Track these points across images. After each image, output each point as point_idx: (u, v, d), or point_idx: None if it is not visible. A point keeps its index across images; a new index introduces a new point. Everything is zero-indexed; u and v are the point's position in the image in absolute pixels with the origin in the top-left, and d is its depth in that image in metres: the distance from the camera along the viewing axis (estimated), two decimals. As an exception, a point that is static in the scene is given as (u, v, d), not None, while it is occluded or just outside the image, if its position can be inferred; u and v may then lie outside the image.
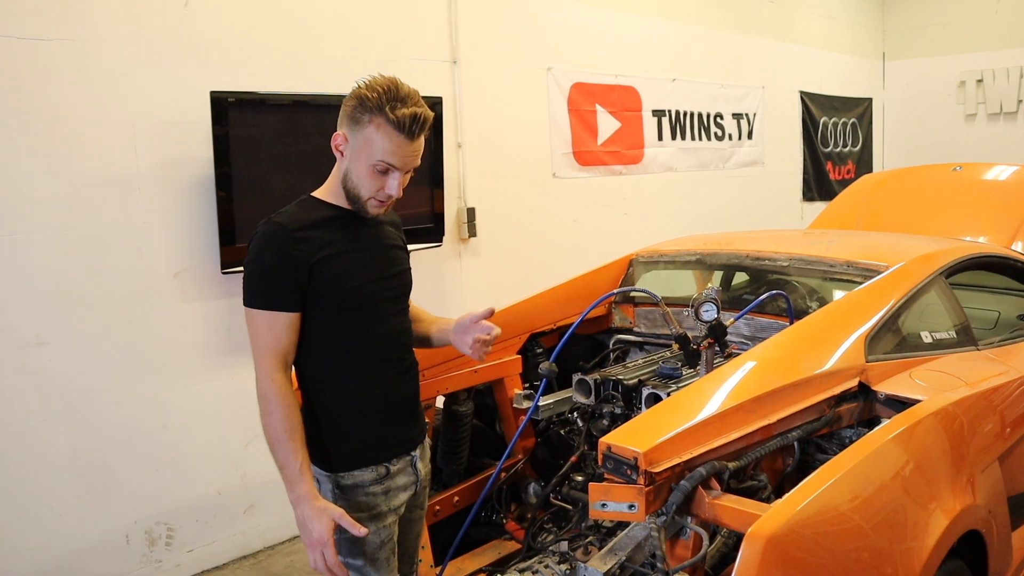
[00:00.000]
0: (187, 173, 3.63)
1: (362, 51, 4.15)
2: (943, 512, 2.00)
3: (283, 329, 1.92)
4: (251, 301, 1.92)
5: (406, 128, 1.87)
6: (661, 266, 3.44)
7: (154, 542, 3.66)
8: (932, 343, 2.64)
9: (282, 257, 1.89)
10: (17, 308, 3.23)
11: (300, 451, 1.90)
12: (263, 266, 1.90)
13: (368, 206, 1.97)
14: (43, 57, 3.23)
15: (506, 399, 3.02)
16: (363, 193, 1.95)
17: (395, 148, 1.89)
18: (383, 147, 1.89)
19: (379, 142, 1.89)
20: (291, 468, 1.89)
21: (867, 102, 9.01)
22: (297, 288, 1.92)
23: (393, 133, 1.88)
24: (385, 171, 1.92)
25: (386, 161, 1.90)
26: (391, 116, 1.86)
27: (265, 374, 1.90)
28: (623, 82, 5.89)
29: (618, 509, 1.76)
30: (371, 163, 1.91)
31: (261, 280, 1.91)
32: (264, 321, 1.91)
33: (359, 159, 1.92)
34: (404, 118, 1.86)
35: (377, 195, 1.95)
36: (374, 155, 1.90)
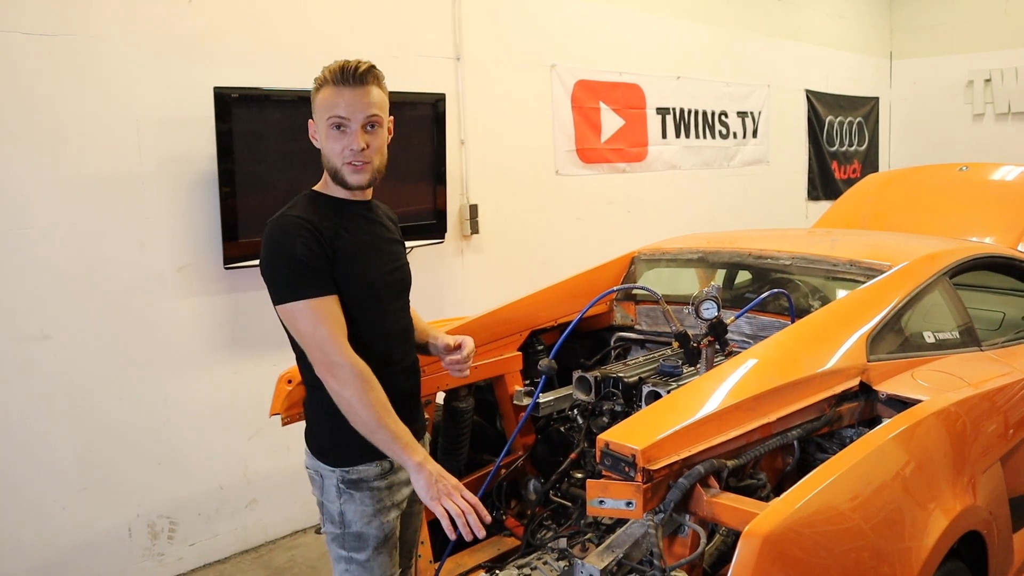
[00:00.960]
0: (190, 169, 3.63)
1: (366, 47, 4.14)
2: (943, 512, 1.99)
3: (337, 310, 1.91)
4: (293, 295, 1.89)
5: (340, 77, 1.91)
6: (663, 264, 3.43)
7: (156, 535, 3.67)
8: (935, 343, 2.63)
9: (312, 245, 1.90)
10: (21, 303, 3.24)
11: (401, 423, 1.91)
12: (295, 258, 1.88)
13: (346, 175, 1.97)
14: (47, 53, 3.24)
15: (506, 396, 3.02)
16: (335, 162, 1.96)
17: (338, 100, 1.92)
18: (329, 104, 1.93)
19: (325, 103, 1.94)
20: (406, 436, 1.89)
21: (874, 101, 8.97)
22: (330, 274, 1.92)
23: (332, 89, 1.92)
24: (339, 126, 1.93)
25: (335, 115, 1.92)
26: (328, 77, 1.93)
27: (343, 357, 1.87)
28: (627, 79, 5.88)
29: (616, 506, 1.75)
30: (326, 128, 1.94)
31: (298, 271, 1.89)
32: (316, 309, 1.88)
33: (321, 131, 1.97)
34: (336, 71, 1.92)
35: (344, 156, 1.94)
36: (323, 116, 1.94)
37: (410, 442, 1.89)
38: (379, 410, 1.87)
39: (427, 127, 4.30)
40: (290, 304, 1.88)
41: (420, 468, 1.86)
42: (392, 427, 1.87)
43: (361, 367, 1.88)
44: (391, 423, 1.88)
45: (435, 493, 1.84)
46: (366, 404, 1.86)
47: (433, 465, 1.88)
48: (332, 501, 2.04)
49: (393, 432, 1.87)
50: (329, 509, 2.05)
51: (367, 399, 1.86)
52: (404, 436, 1.88)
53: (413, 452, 1.88)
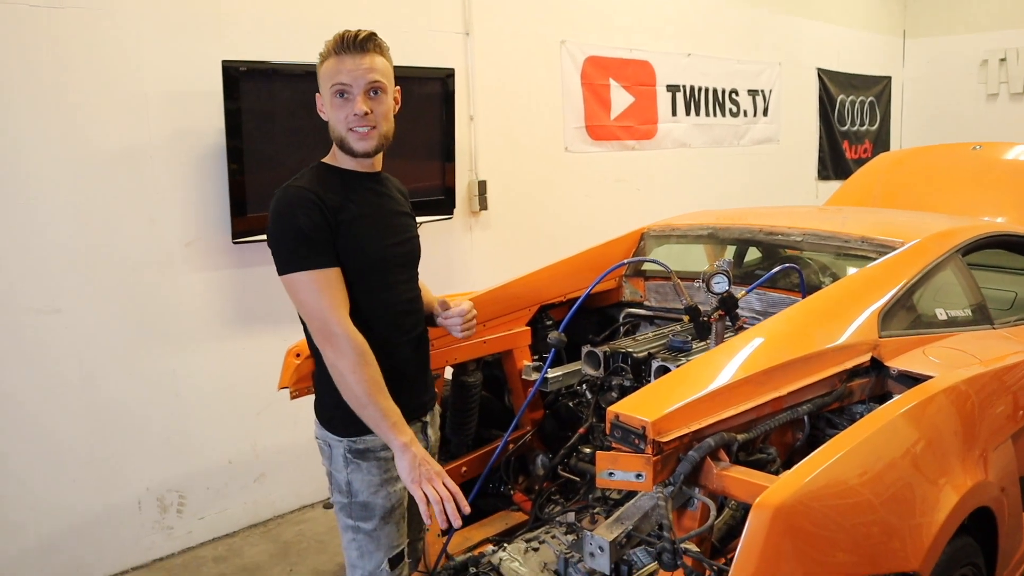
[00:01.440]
0: (199, 143, 3.62)
1: (374, 21, 4.09)
2: (953, 488, 1.98)
3: (337, 283, 1.91)
4: (294, 265, 1.89)
5: (341, 46, 1.93)
6: (673, 240, 3.41)
7: (166, 509, 3.70)
8: (947, 320, 2.62)
9: (315, 216, 1.90)
10: (32, 276, 3.25)
11: (391, 400, 1.91)
12: (298, 228, 1.89)
13: (351, 142, 1.97)
14: (56, 25, 3.22)
15: (515, 370, 3.02)
16: (340, 129, 1.97)
17: (340, 68, 1.93)
18: (332, 73, 1.94)
19: (327, 72, 1.95)
20: (394, 416, 1.89)
21: (886, 80, 8.88)
22: (333, 245, 1.92)
23: (335, 59, 1.94)
24: (342, 93, 1.94)
25: (337, 83, 1.93)
26: (331, 47, 1.95)
27: (341, 328, 1.87)
28: (637, 56, 5.83)
29: (625, 478, 1.75)
30: (330, 97, 1.95)
31: (301, 242, 1.89)
32: (317, 280, 1.89)
33: (326, 100, 1.98)
34: (338, 40, 1.94)
35: (348, 122, 1.95)
36: (326, 85, 1.96)
37: (398, 422, 1.88)
38: (370, 386, 1.87)
39: (436, 103, 4.27)
40: (292, 275, 1.89)
41: (405, 449, 1.86)
42: (382, 404, 1.87)
43: (358, 341, 1.88)
44: (381, 400, 1.88)
45: (416, 476, 1.85)
46: (359, 379, 1.86)
47: (419, 448, 1.88)
48: (339, 471, 2.04)
49: (383, 409, 1.87)
50: (337, 479, 2.06)
51: (360, 374, 1.86)
52: (392, 416, 1.88)
53: (400, 433, 1.88)
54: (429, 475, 1.85)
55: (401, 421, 1.89)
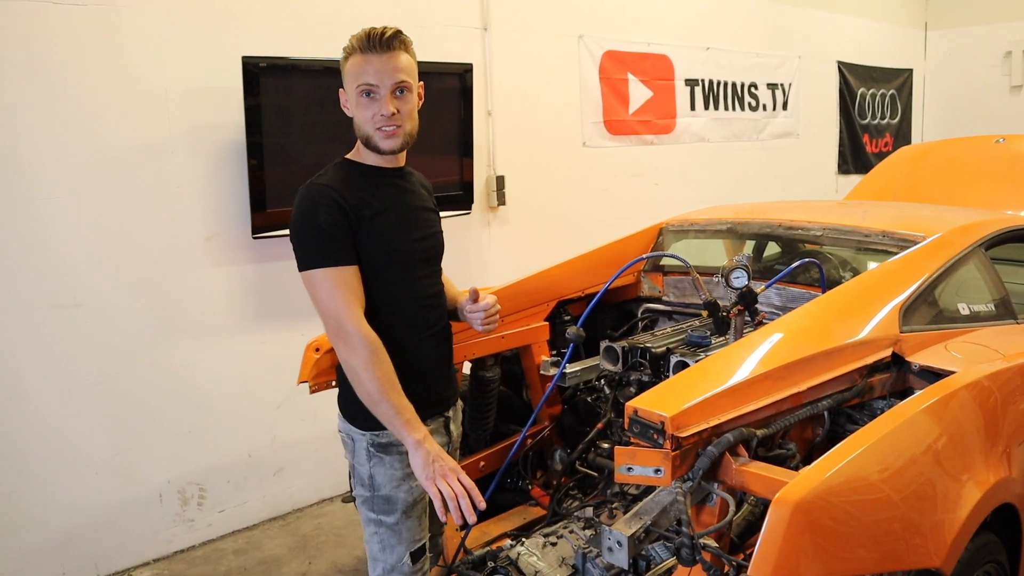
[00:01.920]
0: (219, 138, 3.65)
1: (393, 16, 4.05)
2: (976, 484, 1.96)
3: (354, 281, 1.93)
4: (313, 262, 1.91)
5: (367, 44, 1.93)
6: (692, 235, 3.40)
7: (187, 501, 3.74)
8: (969, 315, 2.59)
9: (335, 213, 1.91)
10: (54, 270, 3.29)
11: (404, 398, 1.91)
12: (318, 226, 1.90)
13: (378, 141, 1.98)
14: (79, 22, 3.25)
15: (533, 366, 3.02)
16: (367, 129, 1.97)
17: (366, 67, 1.93)
18: (358, 72, 1.94)
19: (353, 72, 1.95)
20: (407, 413, 1.89)
21: (907, 73, 8.78)
22: (352, 243, 1.93)
23: (360, 57, 1.94)
24: (368, 93, 1.95)
25: (364, 82, 1.94)
26: (356, 44, 1.95)
27: (355, 327, 1.89)
28: (656, 50, 5.80)
29: (644, 473, 1.75)
30: (356, 95, 1.96)
31: (320, 239, 1.91)
32: (333, 278, 1.90)
33: (351, 99, 1.98)
34: (363, 38, 1.94)
35: (375, 122, 1.95)
36: (353, 85, 1.96)
37: (412, 419, 1.89)
38: (383, 383, 1.87)
39: (454, 98, 4.28)
40: (310, 271, 1.91)
41: (418, 446, 1.87)
42: (395, 401, 1.88)
43: (371, 338, 1.89)
44: (394, 397, 1.88)
45: (430, 473, 1.85)
46: (371, 376, 1.87)
47: (432, 444, 1.89)
48: (362, 464, 2.06)
49: (396, 407, 1.88)
50: (359, 472, 2.07)
51: (372, 371, 1.87)
52: (406, 412, 1.89)
53: (413, 429, 1.88)
54: (443, 471, 1.85)
55: (415, 418, 1.90)
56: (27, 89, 3.17)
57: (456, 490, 1.83)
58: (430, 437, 1.91)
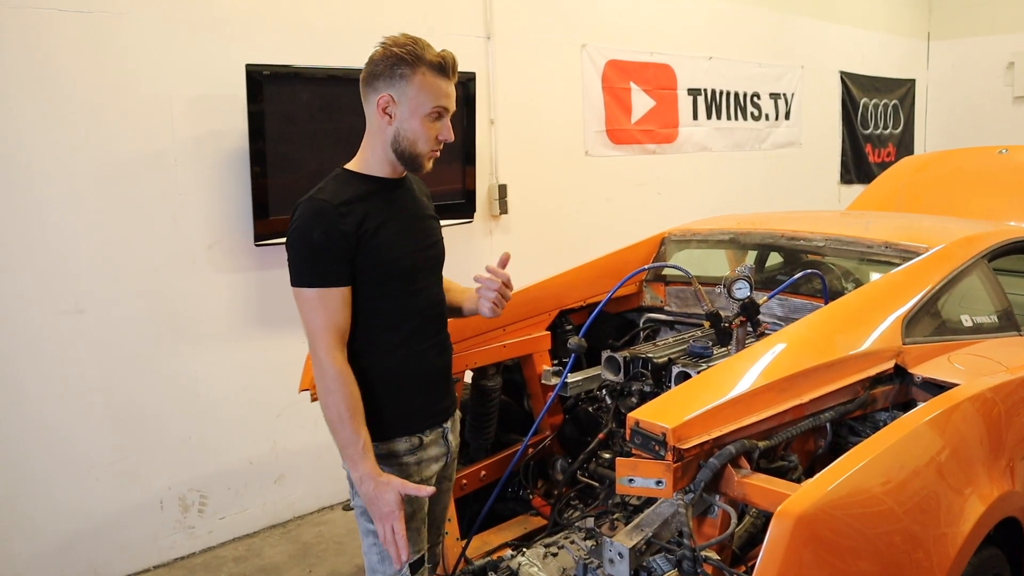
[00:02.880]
0: (222, 146, 3.65)
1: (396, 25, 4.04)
2: (979, 498, 1.96)
3: (338, 304, 1.92)
4: (301, 280, 1.92)
5: (448, 69, 1.94)
6: (694, 245, 3.40)
7: (187, 508, 3.73)
8: (972, 327, 2.58)
9: (330, 232, 1.90)
10: (58, 277, 3.29)
11: (362, 429, 1.91)
12: (311, 243, 1.90)
13: (425, 161, 2.00)
14: (82, 30, 3.26)
15: (534, 375, 3.02)
16: (421, 147, 1.97)
17: (445, 90, 1.95)
18: (435, 92, 1.93)
19: (430, 89, 1.93)
20: (354, 447, 1.89)
21: (910, 83, 8.79)
22: (346, 262, 1.92)
23: (436, 78, 1.93)
24: (439, 117, 1.96)
25: (441, 105, 1.95)
26: (434, 62, 1.92)
27: (324, 352, 1.90)
28: (658, 60, 5.81)
29: (645, 485, 1.74)
30: (426, 112, 1.94)
31: (310, 258, 1.91)
32: (317, 299, 1.90)
33: (413, 114, 1.94)
34: (446, 60, 1.94)
35: (434, 145, 1.98)
36: (428, 103, 1.93)
37: (358, 454, 1.89)
38: (340, 412, 1.88)
39: (457, 106, 4.27)
40: (298, 288, 1.93)
41: (359, 482, 1.89)
42: (347, 434, 1.89)
43: (336, 368, 1.89)
44: (347, 429, 1.88)
45: (373, 512, 1.90)
46: (329, 403, 1.89)
47: (373, 483, 1.88)
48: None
49: (343, 440, 1.90)
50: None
51: (331, 399, 1.89)
52: (354, 446, 1.89)
53: (356, 464, 1.89)
54: (379, 515, 1.87)
55: (362, 452, 1.89)
56: (31, 96, 3.18)
57: (387, 537, 1.87)
58: (369, 475, 1.89)
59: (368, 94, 1.98)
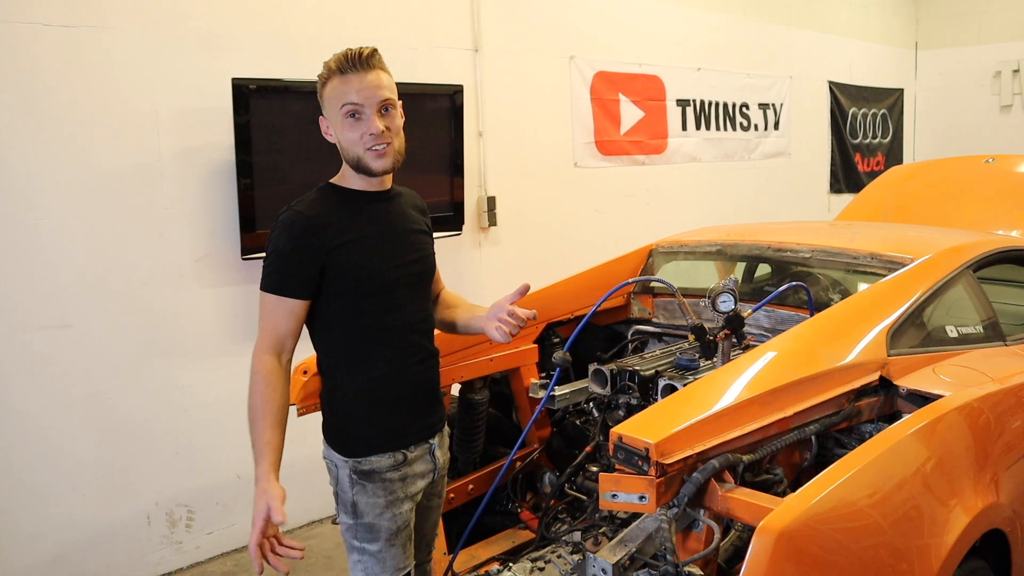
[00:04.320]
0: (209, 159, 3.65)
1: (383, 38, 4.14)
2: (964, 510, 1.96)
3: (285, 314, 1.95)
4: (263, 284, 1.97)
5: (347, 65, 1.92)
6: (681, 256, 3.40)
7: (175, 524, 3.70)
8: (958, 338, 2.59)
9: (297, 245, 1.92)
10: (42, 291, 3.27)
11: (267, 431, 1.91)
12: (279, 252, 1.94)
13: (369, 161, 1.96)
14: (68, 44, 3.26)
15: (522, 388, 3.01)
16: (356, 150, 1.96)
17: (348, 88, 1.92)
18: (340, 94, 1.93)
19: (335, 94, 1.94)
20: (256, 447, 1.92)
21: (898, 93, 8.85)
22: (309, 276, 1.93)
23: (340, 78, 1.93)
24: (354, 114, 1.93)
25: (349, 102, 1.92)
26: (336, 65, 1.94)
27: (256, 354, 1.95)
28: (647, 71, 5.83)
29: (629, 500, 1.73)
30: (341, 116, 1.94)
31: (275, 265, 1.95)
32: (269, 304, 1.96)
33: (335, 123, 1.96)
34: (341, 59, 1.93)
35: (365, 142, 1.94)
36: (336, 108, 1.94)
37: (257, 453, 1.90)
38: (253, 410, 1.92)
39: (445, 119, 4.29)
40: (260, 292, 1.98)
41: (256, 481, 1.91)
42: (252, 433, 1.91)
43: (260, 368, 1.93)
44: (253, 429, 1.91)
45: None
46: (248, 400, 1.93)
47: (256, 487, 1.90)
48: (345, 491, 2.04)
49: (252, 438, 1.92)
50: (343, 499, 2.06)
51: (249, 398, 1.93)
52: (255, 446, 1.90)
53: (255, 464, 1.91)
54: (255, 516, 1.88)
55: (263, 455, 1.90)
56: (17, 111, 3.17)
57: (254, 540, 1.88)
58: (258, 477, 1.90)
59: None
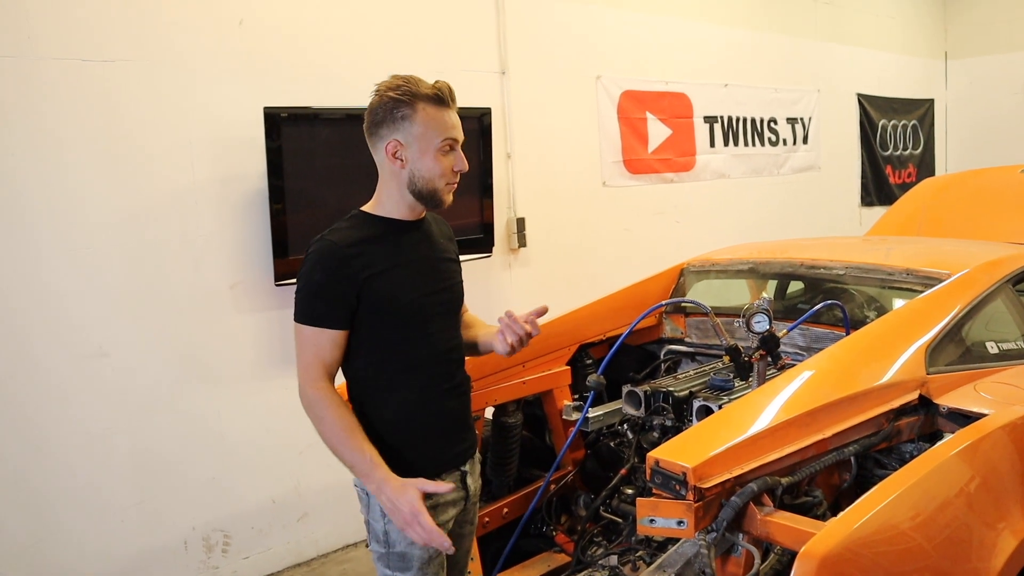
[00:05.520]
0: (242, 187, 3.71)
1: (412, 63, 4.15)
2: (1012, 533, 1.91)
3: (328, 345, 1.95)
4: (300, 317, 1.96)
5: (446, 99, 1.94)
6: (713, 275, 3.38)
7: (211, 548, 3.73)
8: (998, 354, 2.54)
9: (332, 275, 1.92)
10: (81, 320, 3.34)
11: (365, 443, 1.92)
12: (313, 283, 1.94)
13: (444, 195, 2.00)
14: (107, 78, 3.35)
15: (555, 410, 3.00)
16: (439, 183, 1.98)
17: (448, 120, 1.95)
18: (440, 126, 1.94)
19: (435, 124, 1.93)
20: (362, 462, 1.90)
21: (928, 103, 8.75)
22: (346, 306, 1.94)
23: (436, 109, 1.93)
24: (451, 149, 1.97)
25: (450, 136, 1.95)
26: (431, 95, 1.93)
27: (309, 383, 1.95)
28: (674, 89, 5.83)
29: (667, 525, 1.72)
30: (436, 147, 1.95)
31: (311, 297, 1.95)
32: (310, 337, 1.95)
33: (424, 152, 1.95)
34: (442, 91, 1.94)
35: (449, 176, 1.98)
36: (436, 137, 1.94)
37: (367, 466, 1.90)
38: (337, 434, 1.91)
39: (473, 141, 4.32)
40: (297, 324, 1.97)
41: (377, 493, 1.91)
42: (348, 454, 1.91)
43: (321, 394, 1.93)
44: (349, 450, 1.91)
45: (397, 520, 1.90)
46: (325, 430, 1.93)
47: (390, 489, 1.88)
48: (376, 520, 2.03)
49: (349, 460, 1.92)
50: (374, 528, 2.05)
51: (324, 427, 1.93)
52: (361, 462, 1.90)
53: (370, 475, 1.90)
54: (404, 520, 1.87)
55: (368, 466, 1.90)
56: (57, 145, 3.25)
57: (419, 536, 1.87)
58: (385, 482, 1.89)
59: (375, 143, 1.99)
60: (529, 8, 4.88)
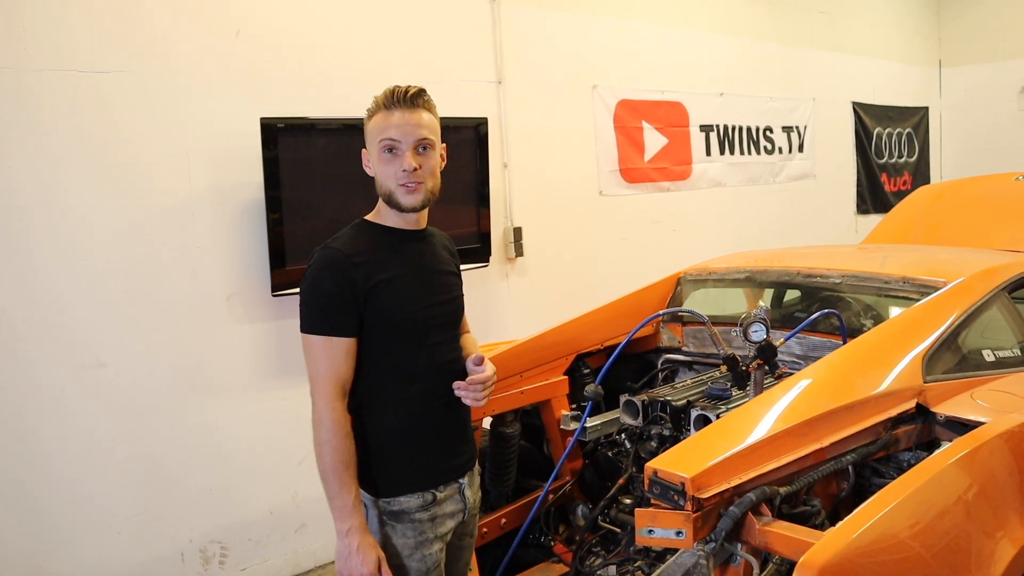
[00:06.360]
0: (239, 198, 3.71)
1: (408, 74, 4.19)
2: (1010, 541, 1.91)
3: (341, 355, 1.93)
4: (309, 327, 1.94)
5: (392, 102, 1.95)
6: (710, 284, 3.39)
7: (208, 560, 3.72)
8: (995, 362, 2.55)
9: (340, 282, 1.91)
10: (78, 331, 3.33)
11: (353, 483, 1.92)
12: (321, 292, 1.93)
13: (399, 197, 1.97)
14: (104, 89, 3.34)
15: (553, 420, 3.00)
16: (389, 185, 1.97)
17: (388, 123, 1.95)
18: (381, 128, 1.96)
19: (377, 127, 1.97)
20: (343, 500, 1.90)
21: (923, 111, 8.78)
22: (355, 313, 1.93)
23: (383, 113, 1.96)
24: (391, 148, 1.95)
25: (386, 138, 1.95)
26: (379, 102, 1.97)
27: (324, 402, 1.92)
28: (670, 98, 5.85)
29: (665, 535, 1.72)
30: (378, 152, 1.96)
31: (319, 306, 1.93)
32: (322, 347, 1.92)
33: (373, 157, 1.99)
34: (387, 96, 1.96)
35: (398, 178, 1.95)
36: (375, 142, 1.97)
37: (347, 507, 1.90)
38: (334, 464, 1.91)
39: (470, 151, 4.33)
40: (306, 335, 1.95)
41: (343, 534, 1.90)
42: (333, 486, 1.91)
43: (333, 418, 1.91)
44: (336, 480, 1.90)
45: (345, 567, 1.89)
46: (323, 454, 1.92)
47: (359, 539, 1.90)
48: (375, 531, 2.03)
49: (332, 491, 1.91)
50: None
51: (324, 450, 1.92)
52: (343, 499, 1.90)
53: (345, 517, 1.90)
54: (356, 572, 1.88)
55: (349, 506, 1.90)
56: (52, 156, 3.25)
57: None
58: (358, 529, 1.90)
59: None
60: (525, 18, 4.89)
